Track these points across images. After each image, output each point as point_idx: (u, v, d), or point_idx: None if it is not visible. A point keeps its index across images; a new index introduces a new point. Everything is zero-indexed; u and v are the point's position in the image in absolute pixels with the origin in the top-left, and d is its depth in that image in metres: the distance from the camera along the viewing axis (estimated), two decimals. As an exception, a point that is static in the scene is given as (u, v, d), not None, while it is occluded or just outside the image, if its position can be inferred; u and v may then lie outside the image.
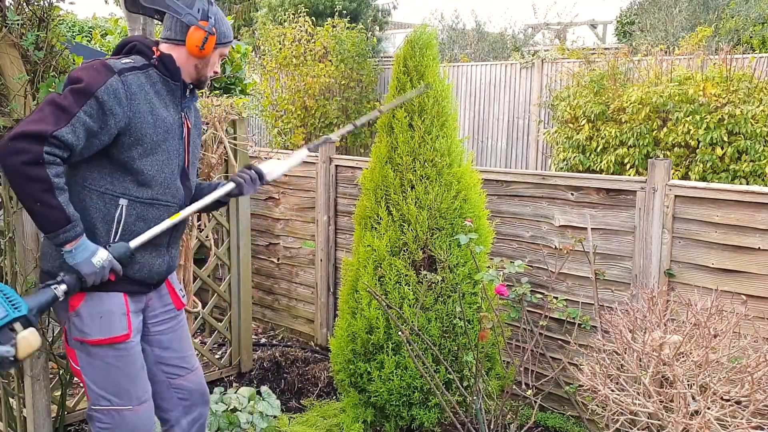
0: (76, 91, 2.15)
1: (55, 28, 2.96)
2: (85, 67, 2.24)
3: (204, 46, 2.33)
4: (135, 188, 2.31)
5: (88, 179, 2.28)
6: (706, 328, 2.30)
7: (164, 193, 2.37)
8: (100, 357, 2.34)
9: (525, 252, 3.79)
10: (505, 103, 9.75)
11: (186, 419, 2.66)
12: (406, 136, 3.33)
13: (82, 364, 2.37)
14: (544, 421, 3.67)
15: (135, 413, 2.40)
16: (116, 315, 2.34)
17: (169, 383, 2.61)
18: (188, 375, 2.65)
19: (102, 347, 2.33)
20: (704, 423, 2.13)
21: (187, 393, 2.65)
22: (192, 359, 2.69)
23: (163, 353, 2.59)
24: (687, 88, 6.15)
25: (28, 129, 2.08)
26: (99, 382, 2.36)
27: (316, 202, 4.79)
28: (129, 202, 2.30)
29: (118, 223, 2.29)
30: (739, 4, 10.84)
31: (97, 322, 2.31)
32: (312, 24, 10.36)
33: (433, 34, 3.45)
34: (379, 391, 3.27)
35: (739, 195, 3.02)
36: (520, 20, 31.16)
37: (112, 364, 2.35)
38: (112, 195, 2.28)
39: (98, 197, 2.28)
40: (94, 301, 2.31)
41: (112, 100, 2.18)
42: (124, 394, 2.37)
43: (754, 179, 5.89)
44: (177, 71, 2.37)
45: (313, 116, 9.98)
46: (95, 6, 29.35)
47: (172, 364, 2.61)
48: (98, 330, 2.31)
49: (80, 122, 2.13)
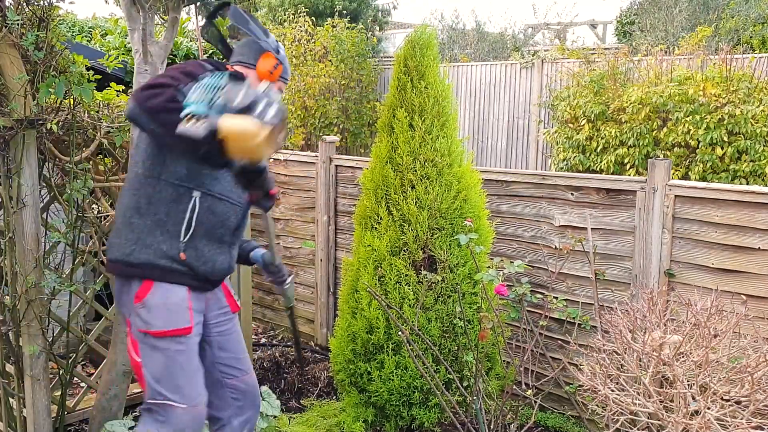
0: (184, 72, 2.24)
1: (55, 28, 2.96)
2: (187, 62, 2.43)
3: (273, 72, 2.48)
4: (209, 181, 2.39)
5: (164, 173, 2.35)
6: (706, 328, 2.30)
7: (232, 191, 2.46)
8: (162, 350, 2.39)
9: (525, 252, 3.79)
10: (505, 103, 9.75)
11: (238, 420, 2.72)
12: (407, 136, 3.33)
13: (143, 356, 2.41)
14: (544, 421, 3.67)
15: (187, 413, 2.42)
16: (181, 308, 2.40)
17: (224, 383, 2.68)
18: (243, 377, 2.72)
19: (164, 339, 2.38)
20: (704, 423, 2.13)
21: (241, 394, 2.71)
22: (246, 362, 2.76)
23: (221, 354, 2.66)
24: (687, 88, 6.15)
25: (156, 81, 2.18)
26: (157, 376, 2.39)
27: (316, 202, 4.79)
28: (202, 194, 2.38)
29: (192, 213, 2.37)
30: (739, 4, 10.84)
31: (163, 313, 2.37)
32: (312, 24, 10.35)
33: (433, 34, 3.45)
34: (379, 391, 3.27)
35: (739, 195, 3.02)
36: (520, 20, 31.17)
37: (171, 358, 2.39)
38: (186, 187, 2.36)
39: (173, 190, 2.35)
40: (161, 292, 2.37)
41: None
42: (179, 391, 2.41)
43: (754, 179, 5.88)
44: None
45: (313, 116, 9.97)
46: (95, 6, 29.34)
47: (228, 364, 2.68)
48: (163, 321, 2.37)
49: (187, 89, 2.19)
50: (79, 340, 3.46)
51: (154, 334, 2.37)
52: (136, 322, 2.39)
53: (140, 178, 2.38)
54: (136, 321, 2.39)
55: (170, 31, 3.08)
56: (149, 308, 2.36)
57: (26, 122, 2.87)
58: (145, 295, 2.36)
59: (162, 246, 2.35)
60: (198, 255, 2.41)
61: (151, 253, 2.34)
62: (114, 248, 2.42)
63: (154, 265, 2.35)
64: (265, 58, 2.50)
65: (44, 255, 3.09)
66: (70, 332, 3.34)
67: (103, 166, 3.52)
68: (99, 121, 3.23)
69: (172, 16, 3.08)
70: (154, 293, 2.36)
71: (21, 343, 3.09)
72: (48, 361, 3.14)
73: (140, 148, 2.41)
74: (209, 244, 2.45)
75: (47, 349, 3.11)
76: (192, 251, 2.38)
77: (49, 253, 3.18)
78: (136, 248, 2.34)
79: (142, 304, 2.36)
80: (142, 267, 2.35)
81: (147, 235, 2.35)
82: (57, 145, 3.16)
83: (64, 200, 3.16)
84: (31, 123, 2.90)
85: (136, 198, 2.37)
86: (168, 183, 2.35)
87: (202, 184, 2.38)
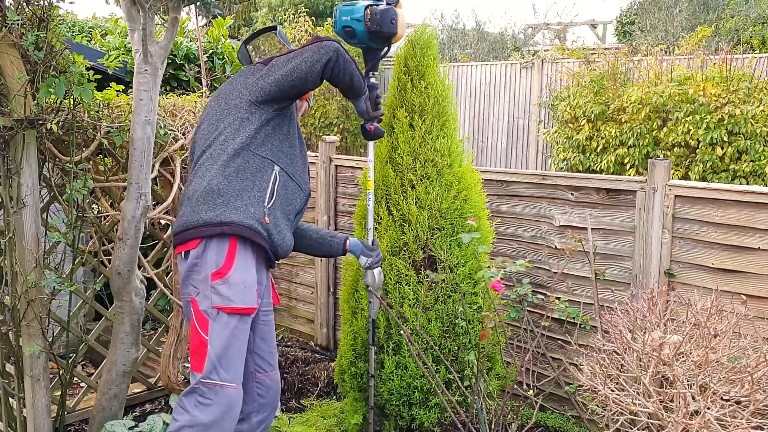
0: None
1: (55, 28, 2.95)
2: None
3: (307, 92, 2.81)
4: (286, 161, 2.70)
5: (253, 144, 2.61)
6: (706, 328, 2.30)
7: (301, 175, 2.80)
8: (231, 327, 2.52)
9: (525, 252, 3.79)
10: (505, 103, 9.75)
11: (257, 417, 2.83)
12: (407, 136, 3.33)
13: (212, 334, 2.50)
14: (544, 421, 3.67)
15: (236, 392, 2.55)
16: (253, 288, 2.58)
17: (254, 375, 2.81)
18: (271, 373, 2.87)
19: (235, 316, 2.52)
20: (704, 423, 2.13)
21: (266, 390, 2.84)
22: (276, 358, 2.92)
23: (261, 344, 2.82)
24: (687, 88, 6.15)
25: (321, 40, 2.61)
26: (219, 353, 2.49)
27: (316, 202, 4.79)
28: (280, 170, 2.67)
29: (273, 184, 2.64)
30: (739, 4, 10.84)
31: (241, 290, 2.52)
32: (312, 24, 10.36)
33: (433, 34, 3.45)
34: (379, 391, 3.27)
35: (739, 195, 3.02)
36: (520, 20, 31.12)
37: (236, 337, 2.53)
38: (270, 161, 2.64)
39: (260, 161, 2.61)
40: (242, 269, 2.53)
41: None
42: (233, 371, 2.53)
43: (754, 179, 5.89)
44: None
45: (313, 116, 9.98)
46: (95, 6, 29.34)
47: (264, 357, 2.84)
48: (241, 298, 2.51)
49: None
50: (79, 340, 3.46)
51: (230, 311, 2.50)
52: (212, 299, 2.49)
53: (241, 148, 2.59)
54: (213, 298, 2.49)
55: (170, 31, 3.08)
56: (230, 285, 2.49)
57: (26, 122, 2.87)
58: (227, 272, 2.50)
59: (250, 208, 2.54)
60: (276, 223, 2.63)
61: (241, 213, 2.52)
62: (201, 211, 2.54)
63: (243, 223, 2.51)
64: None
65: (44, 255, 3.09)
66: (70, 332, 3.34)
67: (103, 166, 3.52)
68: (99, 121, 3.23)
69: (172, 16, 3.08)
70: (235, 269, 2.51)
71: (21, 343, 3.09)
72: (48, 361, 3.14)
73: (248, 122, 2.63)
74: (282, 218, 2.69)
75: (47, 349, 3.11)
76: (272, 218, 2.60)
77: (49, 253, 3.18)
78: (226, 210, 2.51)
79: (223, 280, 2.49)
80: (232, 225, 2.50)
81: (236, 199, 2.54)
82: (57, 145, 3.16)
83: (64, 200, 3.16)
84: (31, 123, 2.90)
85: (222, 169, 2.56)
86: (255, 155, 2.60)
87: (281, 161, 2.67)
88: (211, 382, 2.49)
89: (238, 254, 2.53)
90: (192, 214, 2.56)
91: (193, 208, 2.55)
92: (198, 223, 2.53)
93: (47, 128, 3.01)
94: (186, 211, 2.58)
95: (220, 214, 2.51)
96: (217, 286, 2.49)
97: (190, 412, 2.49)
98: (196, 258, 2.53)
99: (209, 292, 2.50)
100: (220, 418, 2.50)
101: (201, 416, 2.47)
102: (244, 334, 2.56)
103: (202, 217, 2.53)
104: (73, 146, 3.10)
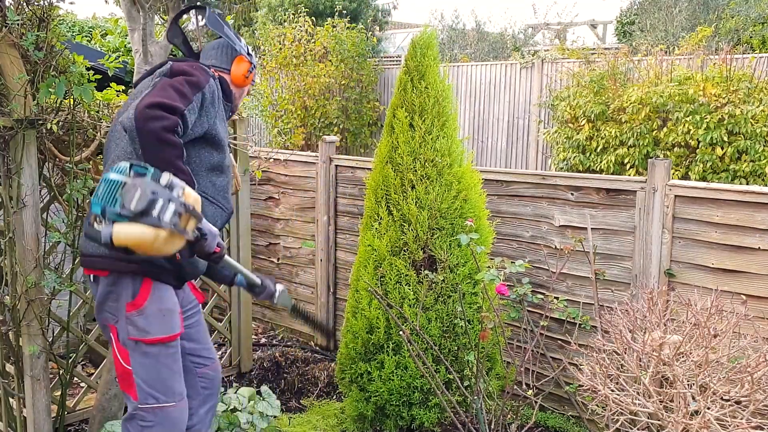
0: (190, 83, 2.32)
1: (55, 28, 2.95)
2: (191, 65, 2.45)
3: (248, 77, 2.61)
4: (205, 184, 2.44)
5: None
6: (706, 328, 2.30)
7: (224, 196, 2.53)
8: (154, 355, 2.37)
9: (525, 252, 3.79)
10: (505, 103, 9.74)
11: (203, 408, 2.78)
12: (407, 136, 3.33)
13: (134, 364, 2.37)
14: (544, 421, 3.67)
15: (177, 408, 2.46)
16: (174, 313, 2.41)
17: (195, 372, 2.72)
18: (211, 365, 2.79)
19: (157, 346, 2.37)
20: (704, 423, 2.13)
21: (209, 382, 2.78)
22: (212, 351, 2.83)
23: (192, 345, 2.70)
24: (687, 88, 6.15)
25: (164, 101, 2.19)
26: (149, 381, 2.38)
27: (316, 202, 4.79)
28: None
29: None
30: (739, 4, 10.84)
31: (159, 320, 2.35)
32: (312, 24, 10.35)
33: (434, 34, 3.45)
34: (379, 391, 3.27)
35: (739, 195, 3.02)
36: (520, 20, 31.13)
37: (162, 363, 2.39)
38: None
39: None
40: (157, 297, 2.35)
41: (209, 99, 2.38)
42: (169, 391, 2.42)
43: (754, 179, 5.89)
44: (230, 93, 2.59)
45: (313, 116, 9.97)
46: (95, 6, 29.35)
47: (199, 354, 2.73)
48: (160, 328, 2.36)
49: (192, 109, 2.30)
50: (79, 340, 3.46)
51: (148, 342, 2.34)
52: (128, 330, 2.34)
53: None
54: (129, 329, 2.34)
55: (170, 31, 3.08)
56: (146, 316, 2.33)
57: (26, 122, 2.87)
58: (142, 303, 2.32)
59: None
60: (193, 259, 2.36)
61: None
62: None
63: (151, 263, 2.29)
64: (239, 62, 2.60)
65: (44, 255, 3.09)
66: (70, 332, 3.34)
67: (103, 166, 3.52)
68: (99, 121, 3.23)
69: (172, 16, 3.08)
70: (151, 300, 2.33)
71: (21, 343, 3.09)
72: (48, 361, 3.14)
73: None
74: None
75: (47, 349, 3.11)
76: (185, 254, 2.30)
77: (49, 253, 3.17)
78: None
79: (138, 312, 2.32)
80: (141, 264, 2.29)
81: None
82: (57, 145, 3.16)
83: (64, 200, 3.16)
84: (31, 123, 2.90)
85: None
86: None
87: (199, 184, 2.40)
88: (149, 407, 2.39)
89: (154, 285, 2.35)
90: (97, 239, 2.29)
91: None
92: (104, 254, 2.30)
93: (47, 128, 3.01)
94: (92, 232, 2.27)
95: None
96: (133, 318, 2.33)
97: None
98: (109, 286, 2.35)
99: (125, 323, 2.33)
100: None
101: None
102: (172, 357, 2.42)
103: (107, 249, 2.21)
104: (73, 146, 3.10)
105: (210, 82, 2.40)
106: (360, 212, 4.46)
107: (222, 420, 3.44)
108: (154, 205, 1.96)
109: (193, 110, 2.30)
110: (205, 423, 2.80)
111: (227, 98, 2.56)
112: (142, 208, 1.96)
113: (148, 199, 1.96)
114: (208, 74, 2.43)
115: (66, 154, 3.14)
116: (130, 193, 1.97)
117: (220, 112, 2.48)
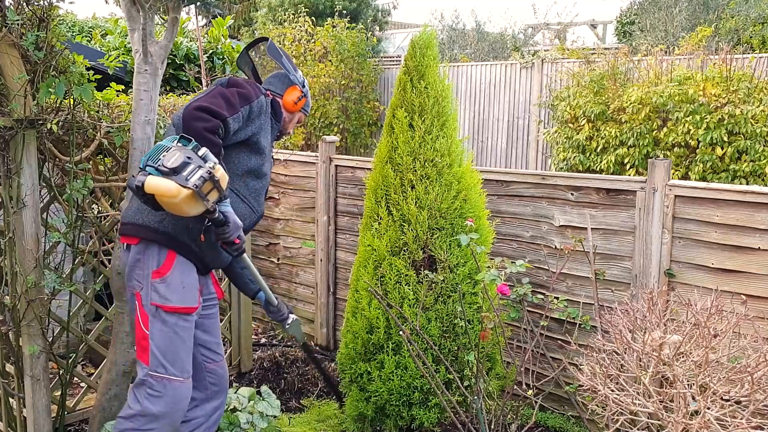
0: (241, 95, 2.63)
1: (55, 28, 2.95)
2: (247, 81, 2.78)
3: (297, 103, 2.94)
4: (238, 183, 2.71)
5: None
6: (706, 328, 2.30)
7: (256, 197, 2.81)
8: (171, 324, 2.60)
9: (525, 252, 3.79)
10: (505, 103, 9.74)
11: (211, 404, 2.94)
12: (407, 136, 3.33)
13: (152, 329, 2.59)
14: (544, 421, 3.67)
15: (183, 384, 2.65)
16: (194, 288, 2.66)
17: (204, 366, 2.91)
18: (220, 362, 2.97)
19: (174, 315, 2.60)
20: (704, 423, 2.13)
21: (217, 378, 2.95)
22: (222, 348, 3.01)
23: (205, 336, 2.90)
24: (687, 88, 6.15)
25: (210, 107, 2.50)
26: (162, 349, 2.59)
27: (316, 202, 4.79)
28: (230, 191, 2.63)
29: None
30: (739, 4, 10.83)
31: (179, 291, 2.60)
32: (312, 24, 10.36)
33: (433, 34, 3.45)
34: (379, 391, 3.27)
35: (739, 195, 3.02)
36: (520, 20, 31.10)
37: (178, 334, 2.61)
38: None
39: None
40: (180, 270, 2.61)
41: (257, 111, 2.68)
42: (179, 364, 2.63)
43: (754, 179, 5.88)
44: (280, 114, 2.88)
45: (313, 116, 9.98)
46: (95, 6, 29.35)
47: (210, 348, 2.93)
48: (179, 298, 2.60)
49: (237, 118, 2.59)
50: (79, 340, 3.46)
51: (166, 309, 2.58)
52: (151, 296, 2.58)
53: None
54: (152, 295, 2.58)
55: (170, 31, 3.08)
56: (168, 284, 2.57)
57: (26, 122, 2.87)
58: (166, 272, 2.58)
59: (189, 224, 2.56)
60: (211, 242, 2.61)
61: (178, 228, 2.57)
62: (144, 213, 2.59)
63: (177, 238, 2.57)
64: (292, 91, 2.93)
65: (44, 255, 3.09)
66: (70, 332, 3.34)
67: (103, 166, 3.52)
68: (99, 121, 3.24)
69: (172, 16, 3.08)
70: (174, 271, 2.58)
71: (21, 343, 3.09)
72: (48, 361, 3.14)
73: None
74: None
75: (47, 349, 3.11)
76: (209, 237, 2.58)
77: (49, 253, 3.18)
78: (167, 219, 2.56)
79: (162, 279, 2.58)
80: (168, 236, 2.57)
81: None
82: (57, 145, 3.16)
83: (64, 200, 3.16)
84: (31, 123, 2.90)
85: None
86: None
87: (234, 182, 2.68)
88: (158, 375, 2.59)
89: (178, 259, 2.61)
90: (137, 211, 2.63)
91: (140, 205, 2.58)
92: (139, 222, 2.61)
93: (47, 128, 3.01)
94: (134, 205, 2.65)
95: (161, 221, 2.58)
96: (156, 285, 2.58)
97: (141, 402, 2.61)
98: (138, 254, 2.61)
99: (150, 289, 2.58)
100: (170, 410, 2.61)
101: (151, 407, 2.59)
102: (186, 331, 2.64)
103: (144, 217, 2.60)
104: (73, 146, 3.10)
105: (260, 98, 2.69)
106: (360, 212, 4.46)
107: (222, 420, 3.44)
108: (186, 167, 2.32)
109: (238, 119, 2.59)
110: (211, 420, 2.95)
111: (276, 117, 2.84)
112: (175, 166, 2.31)
113: (182, 161, 2.32)
114: (260, 91, 2.73)
115: (66, 154, 3.14)
116: (170, 154, 2.34)
117: (265, 125, 2.76)
